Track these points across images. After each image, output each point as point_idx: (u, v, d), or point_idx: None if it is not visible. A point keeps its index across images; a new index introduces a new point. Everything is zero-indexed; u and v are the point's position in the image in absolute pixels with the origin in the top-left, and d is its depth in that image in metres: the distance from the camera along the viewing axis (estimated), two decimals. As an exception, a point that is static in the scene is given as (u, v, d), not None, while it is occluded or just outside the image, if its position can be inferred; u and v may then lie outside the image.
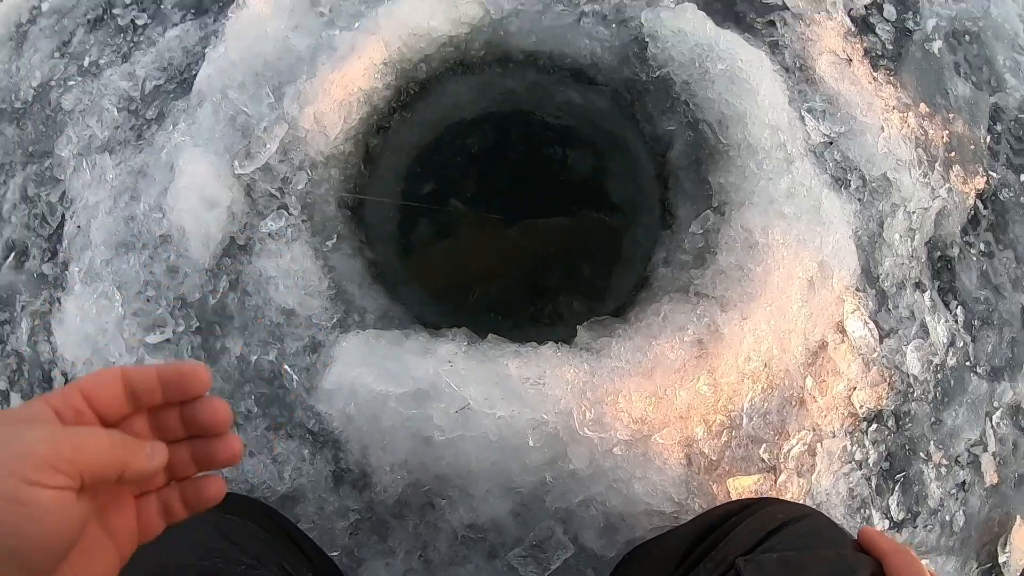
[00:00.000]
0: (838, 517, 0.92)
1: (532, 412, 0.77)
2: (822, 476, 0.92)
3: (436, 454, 0.79)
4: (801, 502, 0.91)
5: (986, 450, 0.98)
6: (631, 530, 0.83)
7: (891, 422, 0.95)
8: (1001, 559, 0.97)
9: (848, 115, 0.96)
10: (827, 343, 0.93)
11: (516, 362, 0.78)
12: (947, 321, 0.99)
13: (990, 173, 1.04)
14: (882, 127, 0.96)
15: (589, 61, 0.98)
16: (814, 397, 0.92)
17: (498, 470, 0.78)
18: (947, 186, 1.00)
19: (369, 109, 0.95)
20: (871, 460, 0.94)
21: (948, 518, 0.96)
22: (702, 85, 0.92)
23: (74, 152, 1.00)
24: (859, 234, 0.95)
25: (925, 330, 0.98)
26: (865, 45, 1.03)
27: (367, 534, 0.85)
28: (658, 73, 0.95)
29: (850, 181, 0.97)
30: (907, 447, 0.95)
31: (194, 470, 0.46)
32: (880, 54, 1.03)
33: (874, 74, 1.01)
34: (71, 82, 1.00)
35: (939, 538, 0.95)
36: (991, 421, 0.99)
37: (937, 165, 1.00)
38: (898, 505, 0.94)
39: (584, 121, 1.03)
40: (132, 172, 0.97)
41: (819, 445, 0.92)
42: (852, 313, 0.93)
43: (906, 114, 1.00)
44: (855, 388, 0.94)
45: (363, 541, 0.85)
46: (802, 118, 0.94)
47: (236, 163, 0.92)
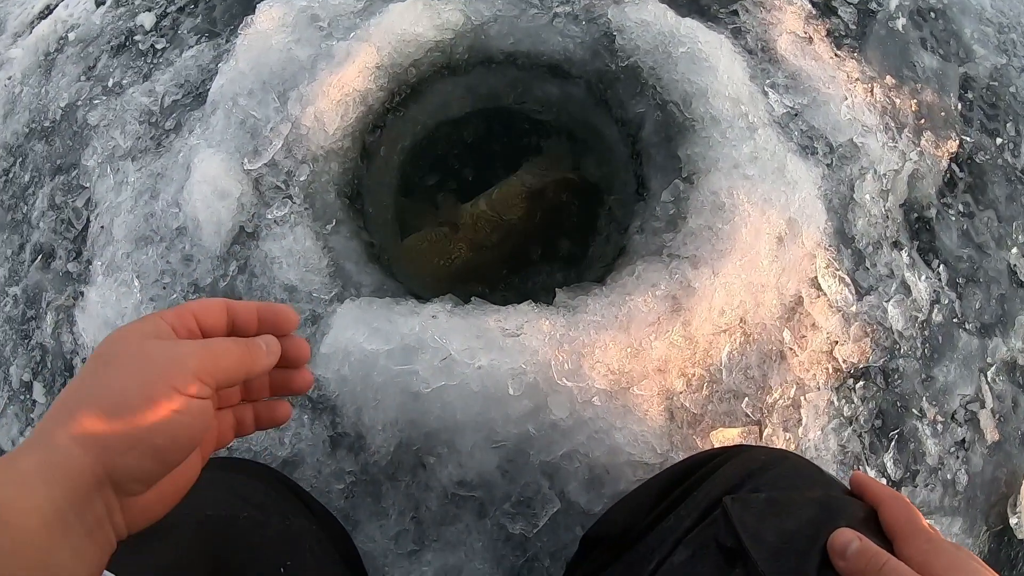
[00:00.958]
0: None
1: (511, 361, 0.81)
2: (809, 430, 0.92)
3: (424, 408, 0.83)
4: (787, 452, 0.91)
5: (983, 407, 0.97)
6: (615, 483, 0.84)
7: (879, 379, 0.95)
8: (1012, 521, 0.94)
9: (811, 88, 1.01)
10: (802, 298, 0.95)
11: (496, 316, 0.83)
12: (929, 279, 0.99)
13: (963, 138, 1.06)
14: (846, 96, 1.01)
15: (563, 57, 1.06)
16: (794, 351, 0.93)
17: (483, 421, 0.82)
18: (918, 150, 1.03)
19: (364, 109, 1.04)
20: (861, 417, 0.93)
21: (950, 477, 0.94)
22: (667, 68, 0.98)
23: (98, 161, 1.11)
24: (829, 196, 0.98)
25: (906, 287, 0.98)
26: (828, 26, 1.09)
27: (362, 496, 0.88)
28: (626, 62, 1.02)
29: (816, 148, 1.01)
30: (899, 404, 0.95)
31: (267, 394, 0.53)
32: (843, 34, 1.08)
33: (837, 52, 1.06)
34: (96, 100, 1.12)
35: (942, 498, 0.93)
36: (986, 377, 0.98)
37: (906, 131, 1.03)
38: (895, 463, 0.93)
39: (563, 111, 1.10)
40: (152, 175, 1.07)
41: (803, 399, 0.93)
42: (825, 269, 0.95)
43: (871, 86, 1.04)
44: (837, 342, 0.95)
45: (358, 503, 0.88)
46: (765, 92, 1.00)
47: (245, 160, 1.02)
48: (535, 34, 1.06)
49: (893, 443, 0.92)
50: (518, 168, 1.16)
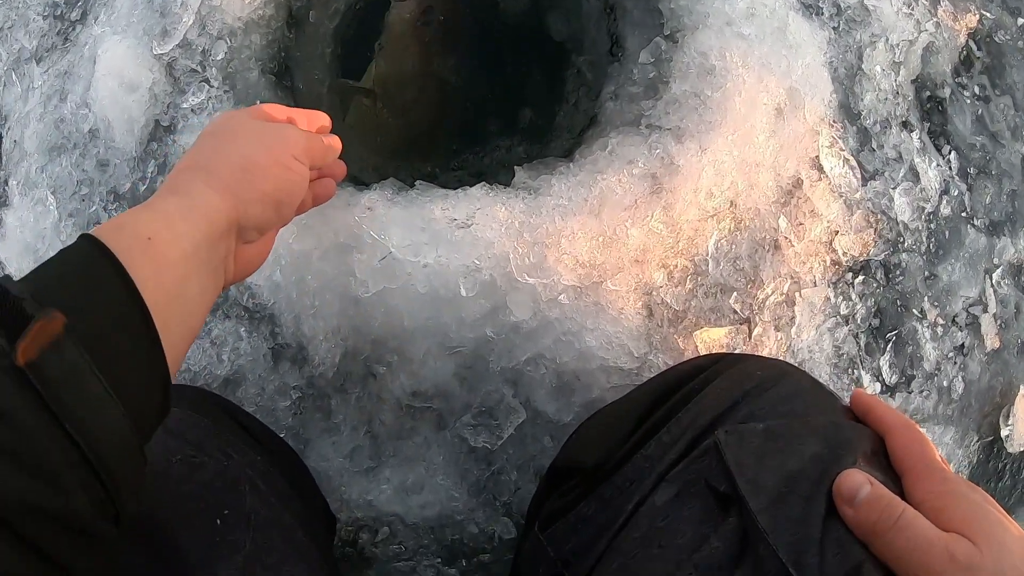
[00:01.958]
0: (823, 378, 0.83)
1: (462, 257, 0.70)
2: (803, 330, 0.83)
3: (366, 313, 0.73)
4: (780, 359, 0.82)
5: (986, 311, 0.87)
6: (587, 390, 0.75)
7: (880, 274, 0.85)
8: (1003, 432, 0.87)
9: (817, -73, 0.85)
10: (802, 180, 0.83)
11: (442, 204, 0.71)
12: (939, 166, 0.88)
13: (983, 12, 0.91)
14: (858, -62, 0.85)
15: None
16: (790, 241, 0.82)
17: (434, 327, 0.72)
18: (934, 20, 0.88)
19: (289, -29, 0.88)
20: (859, 315, 0.84)
21: (946, 384, 0.85)
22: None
23: (4, 69, 0.98)
24: (835, 65, 0.84)
25: (915, 174, 0.87)
26: None
27: (310, 412, 0.80)
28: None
29: (822, 8, 0.86)
30: (899, 303, 0.85)
31: (316, 176, 0.61)
32: None
33: None
34: (-5, -1, 0.97)
35: (936, 405, 0.85)
36: (991, 279, 0.87)
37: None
38: (890, 367, 0.84)
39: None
40: (59, 75, 0.94)
41: (798, 295, 0.83)
42: (829, 148, 0.82)
43: (887, -69, 0.87)
44: (837, 233, 0.84)
45: (307, 420, 0.80)
46: (763, -70, 0.83)
47: (154, 44, 0.88)
48: None
49: (890, 345, 0.84)
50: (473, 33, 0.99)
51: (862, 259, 0.84)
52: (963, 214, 0.88)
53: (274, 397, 0.80)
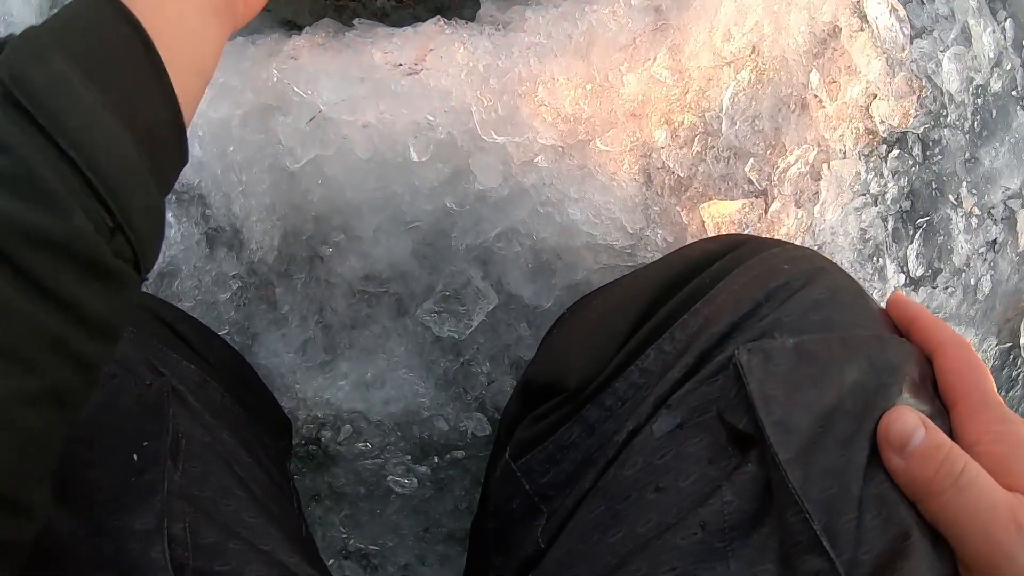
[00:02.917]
0: (845, 265, 0.72)
1: (411, 112, 0.56)
2: (828, 208, 0.70)
3: (302, 187, 0.61)
4: (799, 243, 0.70)
5: None
6: (571, 271, 0.64)
7: (916, 150, 0.71)
8: (1023, 340, 0.77)
9: None
10: (840, 28, 0.69)
11: (385, 47, 0.56)
12: (994, 32, 0.73)
13: None
14: None
15: None
16: (820, 101, 0.68)
17: (383, 199, 0.60)
18: None
19: None
20: (889, 196, 0.72)
21: (973, 282, 0.74)
22: None
23: None
24: None
25: (967, 37, 0.73)
26: None
27: (254, 303, 0.70)
28: None
29: None
30: (934, 185, 0.72)
31: None
32: None
33: None
34: None
35: (960, 304, 0.75)
36: None
37: None
38: (917, 257, 0.73)
39: None
40: None
41: (825, 167, 0.70)
42: (876, -23, 0.65)
43: None
44: (875, 96, 0.70)
45: (251, 312, 0.70)
46: None
47: None
48: None
49: (920, 233, 0.72)
50: None
51: (900, 130, 0.71)
52: (1014, 92, 0.76)
53: (212, 289, 0.70)
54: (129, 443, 0.41)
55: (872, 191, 0.72)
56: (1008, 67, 0.75)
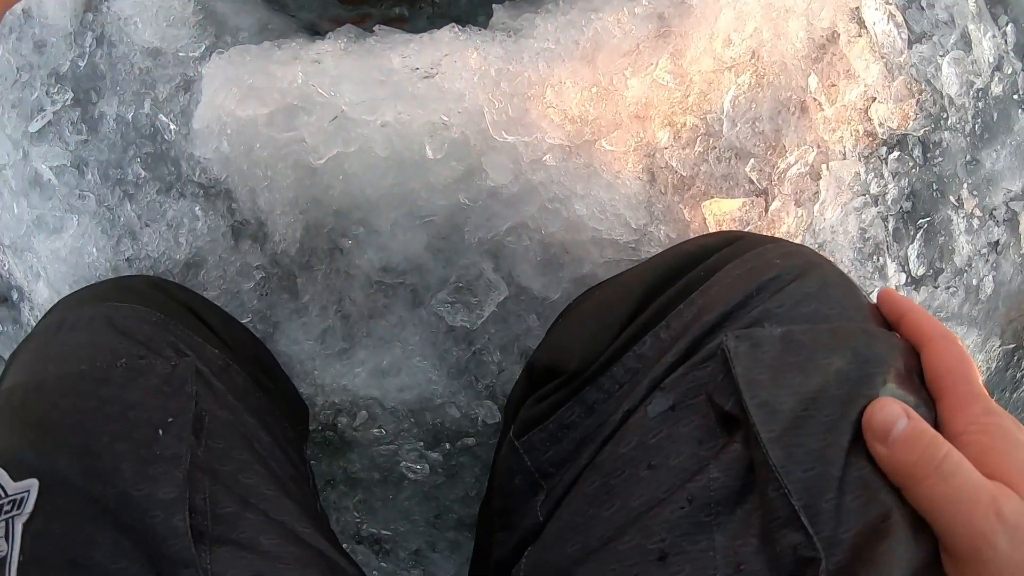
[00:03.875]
0: (845, 264, 0.74)
1: (427, 113, 0.60)
2: (827, 207, 0.73)
3: (324, 183, 0.64)
4: (799, 241, 0.73)
5: None
6: (577, 264, 0.67)
7: (917, 152, 0.74)
8: None
9: None
10: (838, 34, 0.71)
11: (403, 51, 0.60)
12: (995, 37, 0.76)
13: None
14: None
15: None
16: (819, 104, 0.70)
17: (400, 195, 0.63)
18: None
19: None
20: (890, 196, 0.74)
21: (975, 283, 0.76)
22: None
23: None
24: None
25: (967, 42, 0.75)
26: None
27: (276, 293, 0.74)
28: None
29: None
30: (935, 187, 0.74)
31: None
32: None
33: None
34: None
35: (962, 304, 0.76)
36: None
37: None
38: (918, 257, 0.75)
39: None
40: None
41: (825, 167, 0.72)
42: (872, -12, 0.68)
43: None
44: (874, 99, 0.72)
45: (274, 302, 0.74)
46: None
47: None
48: None
49: (921, 233, 0.74)
50: None
51: (900, 132, 0.73)
52: (1015, 96, 0.77)
53: (237, 279, 0.74)
54: (155, 419, 0.44)
55: (872, 191, 0.74)
56: (1009, 71, 0.77)
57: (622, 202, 0.66)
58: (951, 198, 0.76)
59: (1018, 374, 0.85)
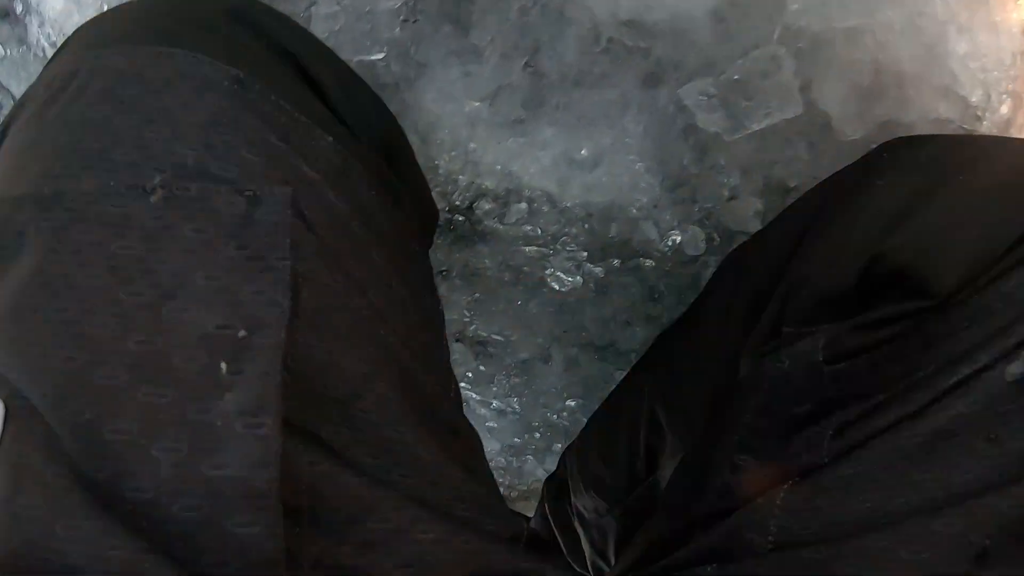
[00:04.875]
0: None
1: None
2: None
3: None
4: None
5: None
6: (899, 107, 0.48)
7: None
8: None
9: None
10: None
11: None
12: None
13: None
14: None
15: None
16: None
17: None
18: None
19: None
20: None
21: None
22: None
23: None
24: None
25: None
26: None
27: (433, 20, 0.48)
28: None
29: None
30: None
31: None
32: None
33: None
34: None
35: None
36: None
37: None
38: None
39: None
40: None
41: None
42: None
43: None
44: None
45: (423, 32, 0.49)
46: None
47: None
48: None
49: None
50: None
51: None
52: None
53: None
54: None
55: None
56: None
57: (993, 57, 0.46)
58: None
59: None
